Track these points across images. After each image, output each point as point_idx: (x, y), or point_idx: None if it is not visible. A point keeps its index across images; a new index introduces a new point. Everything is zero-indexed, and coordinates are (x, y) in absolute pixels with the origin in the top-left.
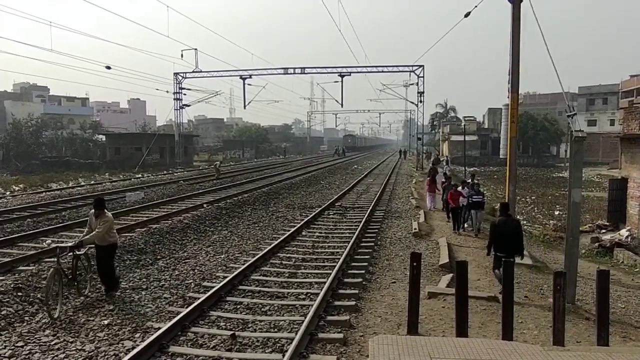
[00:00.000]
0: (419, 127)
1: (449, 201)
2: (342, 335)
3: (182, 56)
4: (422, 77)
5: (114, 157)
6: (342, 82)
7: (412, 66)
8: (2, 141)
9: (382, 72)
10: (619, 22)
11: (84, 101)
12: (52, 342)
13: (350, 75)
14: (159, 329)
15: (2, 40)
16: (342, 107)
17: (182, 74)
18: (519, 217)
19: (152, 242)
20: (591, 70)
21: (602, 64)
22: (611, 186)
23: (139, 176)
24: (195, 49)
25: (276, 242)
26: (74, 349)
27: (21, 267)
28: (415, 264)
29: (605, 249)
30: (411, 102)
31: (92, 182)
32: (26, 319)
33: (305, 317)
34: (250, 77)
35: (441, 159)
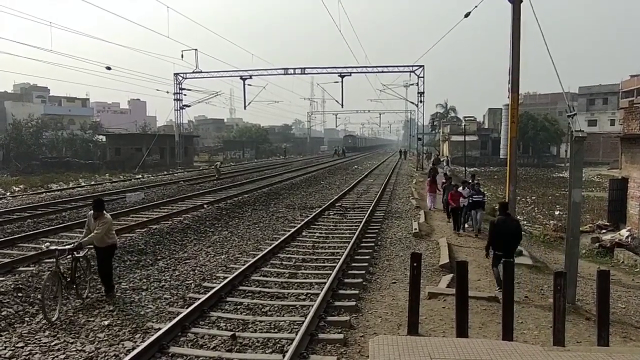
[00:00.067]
0: (419, 128)
1: (449, 201)
2: (342, 335)
3: (182, 57)
4: (422, 77)
5: (114, 158)
6: (342, 82)
7: (412, 66)
8: (3, 142)
9: (382, 72)
10: (619, 22)
11: (84, 102)
12: (52, 343)
13: (350, 75)
14: (159, 329)
15: (3, 40)
16: (342, 107)
17: (182, 75)
18: (519, 217)
19: (153, 243)
20: (591, 70)
21: (602, 64)
22: (611, 186)
23: (139, 177)
24: (195, 50)
25: (276, 243)
26: (74, 349)
27: (21, 268)
28: (415, 264)
29: (605, 249)
30: (411, 102)
31: (93, 182)
32: (26, 319)
33: (305, 318)
34: (250, 77)
35: (441, 159)
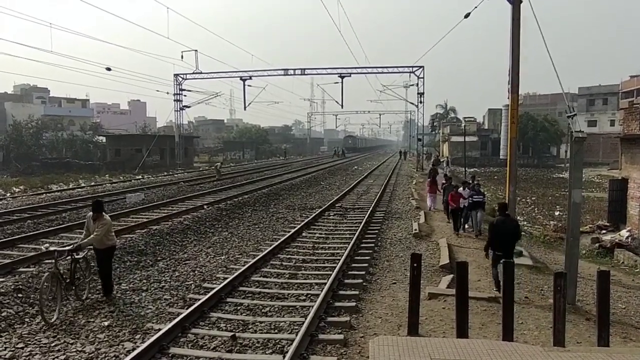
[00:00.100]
0: (419, 128)
1: (449, 202)
2: (342, 336)
3: (182, 57)
4: (422, 77)
5: (114, 159)
6: (342, 83)
7: (412, 67)
8: (3, 143)
9: (382, 73)
10: (619, 20)
11: (84, 102)
12: (52, 344)
13: (350, 76)
14: (159, 330)
15: (3, 41)
16: (342, 108)
17: (182, 75)
18: (519, 217)
19: (153, 244)
20: (591, 69)
21: (602, 63)
22: (611, 187)
23: (139, 177)
24: (195, 50)
25: (276, 243)
26: (74, 350)
27: (22, 269)
28: (415, 265)
29: (605, 249)
30: (411, 103)
31: (93, 183)
32: (26, 320)
33: (305, 318)
34: (250, 78)
35: (441, 160)
